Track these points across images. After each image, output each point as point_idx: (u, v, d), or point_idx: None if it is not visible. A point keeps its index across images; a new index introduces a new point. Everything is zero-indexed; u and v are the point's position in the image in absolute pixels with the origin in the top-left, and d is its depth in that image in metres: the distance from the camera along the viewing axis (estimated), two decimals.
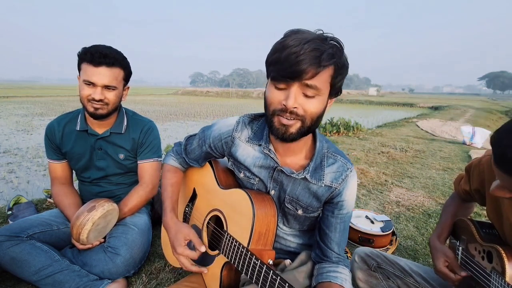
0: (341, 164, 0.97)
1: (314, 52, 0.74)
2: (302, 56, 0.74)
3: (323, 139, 1.00)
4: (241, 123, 1.03)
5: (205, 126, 1.14)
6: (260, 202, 0.94)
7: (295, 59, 0.74)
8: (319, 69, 0.76)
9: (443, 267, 1.04)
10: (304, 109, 0.81)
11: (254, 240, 0.91)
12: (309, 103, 0.80)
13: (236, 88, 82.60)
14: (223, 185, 1.09)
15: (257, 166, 1.00)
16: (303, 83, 0.77)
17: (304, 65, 0.74)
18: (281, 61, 0.76)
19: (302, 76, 0.76)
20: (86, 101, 1.39)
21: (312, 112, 0.82)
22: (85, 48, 1.37)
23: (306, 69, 0.75)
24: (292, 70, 0.75)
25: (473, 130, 6.09)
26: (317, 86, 0.78)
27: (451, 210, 1.16)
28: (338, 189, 0.95)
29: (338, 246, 0.98)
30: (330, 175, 0.95)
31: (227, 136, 1.04)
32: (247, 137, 1.02)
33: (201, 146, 1.11)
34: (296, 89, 0.78)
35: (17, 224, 1.37)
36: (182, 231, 1.02)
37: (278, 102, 0.81)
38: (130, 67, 1.49)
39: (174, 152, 1.23)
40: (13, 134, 7.10)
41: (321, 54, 0.75)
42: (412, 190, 3.10)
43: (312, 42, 0.75)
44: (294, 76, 0.76)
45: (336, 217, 0.97)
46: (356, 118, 8.82)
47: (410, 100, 34.10)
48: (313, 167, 0.95)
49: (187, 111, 15.01)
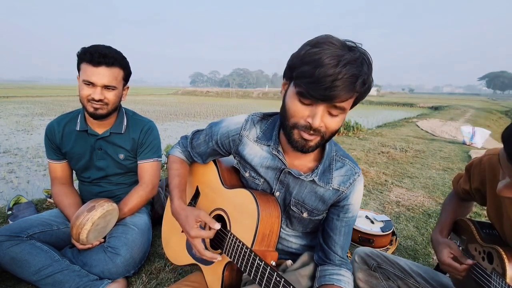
0: (349, 168, 0.96)
1: (351, 78, 0.70)
2: (339, 82, 0.70)
3: (332, 142, 0.98)
4: (250, 122, 1.02)
5: (212, 122, 1.12)
6: (265, 203, 0.93)
7: (331, 83, 0.70)
8: (352, 94, 0.74)
9: (448, 258, 1.02)
10: (326, 126, 0.79)
11: (258, 241, 0.90)
12: (332, 121, 0.79)
13: (236, 88, 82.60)
14: (227, 185, 1.08)
15: (264, 167, 0.99)
16: (331, 105, 0.75)
17: (340, 91, 0.71)
18: (314, 79, 0.71)
19: (334, 101, 0.73)
20: (86, 101, 1.39)
21: (334, 129, 0.81)
22: (84, 48, 1.37)
23: (341, 95, 0.72)
24: (326, 94, 0.71)
25: (473, 130, 6.09)
26: (344, 107, 0.77)
27: (450, 208, 1.16)
28: (345, 193, 0.95)
29: (342, 249, 0.97)
30: (338, 179, 0.95)
31: (234, 133, 1.03)
32: (256, 137, 1.00)
33: (208, 142, 1.10)
34: (323, 109, 0.76)
35: (17, 224, 1.37)
36: (192, 213, 0.98)
37: (301, 117, 0.79)
38: (129, 67, 1.49)
39: (180, 144, 1.22)
40: (13, 134, 7.10)
41: (356, 80, 0.71)
42: (412, 190, 3.10)
43: (350, 65, 0.70)
44: (326, 100, 0.73)
45: (342, 220, 0.97)
46: (356, 118, 8.81)
47: (410, 100, 34.11)
48: (321, 170, 0.94)
49: (187, 111, 15.01)
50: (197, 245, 0.95)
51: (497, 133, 9.95)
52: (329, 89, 0.70)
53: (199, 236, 0.95)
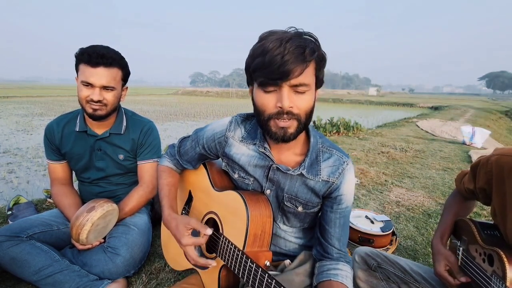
0: (337, 158, 0.97)
1: (297, 49, 0.76)
2: (287, 56, 0.75)
3: (317, 134, 1.00)
4: (234, 123, 1.03)
5: (198, 128, 1.14)
6: (254, 203, 0.93)
7: (280, 59, 0.75)
8: (305, 65, 0.77)
9: (443, 271, 1.03)
10: (298, 107, 0.81)
11: (249, 242, 0.90)
12: (301, 99, 0.81)
13: (236, 88, 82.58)
14: (218, 187, 1.08)
15: (252, 165, 0.99)
16: (292, 83, 0.78)
17: (291, 64, 0.75)
18: (266, 64, 0.77)
19: (290, 75, 0.76)
20: (85, 102, 1.38)
21: (306, 107, 0.83)
22: (82, 49, 1.36)
23: (293, 68, 0.76)
24: (280, 71, 0.76)
25: (473, 130, 6.08)
26: (306, 83, 0.79)
27: (453, 209, 1.16)
28: (336, 183, 0.95)
29: (339, 242, 0.98)
30: (326, 170, 0.95)
31: (220, 136, 1.03)
32: (241, 137, 1.01)
33: (195, 147, 1.10)
34: (287, 89, 0.79)
35: (17, 224, 1.37)
36: (182, 221, 0.98)
37: (272, 106, 0.82)
38: (128, 67, 1.48)
39: (168, 154, 1.22)
40: (13, 134, 7.10)
41: (304, 50, 0.76)
42: (412, 190, 3.09)
43: (292, 40, 0.76)
44: (283, 76, 0.76)
45: (335, 212, 0.97)
46: (356, 118, 8.82)
47: (410, 100, 34.10)
48: (308, 163, 0.95)
49: (187, 111, 15.01)
50: (190, 252, 0.96)
51: (497, 133, 9.95)
52: (282, 66, 0.75)
53: (190, 243, 0.95)
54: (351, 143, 5.68)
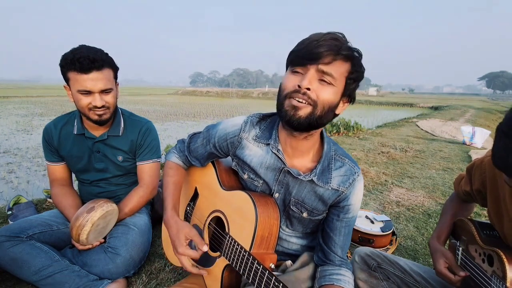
0: (349, 168, 0.96)
1: (334, 41, 0.78)
2: (321, 43, 0.77)
3: (331, 142, 0.99)
4: (249, 124, 1.01)
5: (209, 125, 1.11)
6: (263, 206, 0.93)
7: (315, 45, 0.77)
8: (337, 57, 0.78)
9: (443, 268, 1.03)
10: (317, 94, 0.80)
11: (256, 244, 0.89)
12: (323, 89, 0.80)
13: (236, 88, 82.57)
14: (226, 186, 1.07)
15: (263, 167, 0.98)
16: (319, 68, 0.78)
17: (322, 49, 0.77)
18: (301, 48, 0.80)
19: (319, 59, 0.77)
20: (87, 110, 1.36)
21: (325, 99, 0.80)
22: (67, 56, 1.29)
23: (323, 52, 0.77)
24: (310, 52, 0.77)
25: (473, 130, 6.08)
26: (333, 74, 0.79)
27: (451, 211, 1.16)
28: (345, 193, 0.94)
29: (342, 250, 0.97)
30: (337, 179, 0.94)
31: (233, 136, 1.02)
32: (254, 135, 1.00)
33: (205, 145, 1.08)
34: (312, 73, 0.79)
35: (17, 224, 1.37)
36: (183, 230, 0.98)
37: (292, 85, 0.81)
38: (115, 63, 1.43)
39: (177, 149, 1.20)
40: (13, 134, 7.10)
41: (341, 45, 0.78)
42: (412, 190, 3.09)
43: (334, 35, 0.79)
44: (312, 58, 0.77)
45: (342, 220, 0.96)
46: (356, 118, 8.80)
47: (410, 100, 34.07)
48: (320, 170, 0.94)
49: (187, 111, 15.00)
50: (183, 261, 0.97)
51: None
52: (315, 48, 0.77)
53: (186, 254, 0.96)
54: (351, 143, 5.68)
